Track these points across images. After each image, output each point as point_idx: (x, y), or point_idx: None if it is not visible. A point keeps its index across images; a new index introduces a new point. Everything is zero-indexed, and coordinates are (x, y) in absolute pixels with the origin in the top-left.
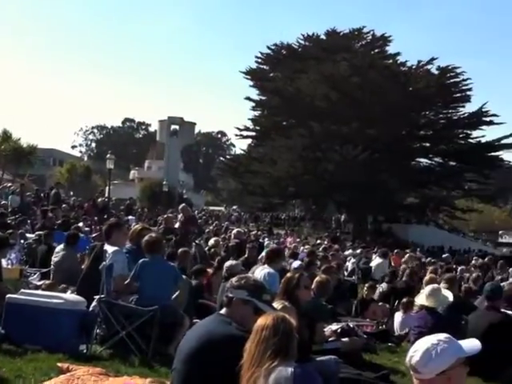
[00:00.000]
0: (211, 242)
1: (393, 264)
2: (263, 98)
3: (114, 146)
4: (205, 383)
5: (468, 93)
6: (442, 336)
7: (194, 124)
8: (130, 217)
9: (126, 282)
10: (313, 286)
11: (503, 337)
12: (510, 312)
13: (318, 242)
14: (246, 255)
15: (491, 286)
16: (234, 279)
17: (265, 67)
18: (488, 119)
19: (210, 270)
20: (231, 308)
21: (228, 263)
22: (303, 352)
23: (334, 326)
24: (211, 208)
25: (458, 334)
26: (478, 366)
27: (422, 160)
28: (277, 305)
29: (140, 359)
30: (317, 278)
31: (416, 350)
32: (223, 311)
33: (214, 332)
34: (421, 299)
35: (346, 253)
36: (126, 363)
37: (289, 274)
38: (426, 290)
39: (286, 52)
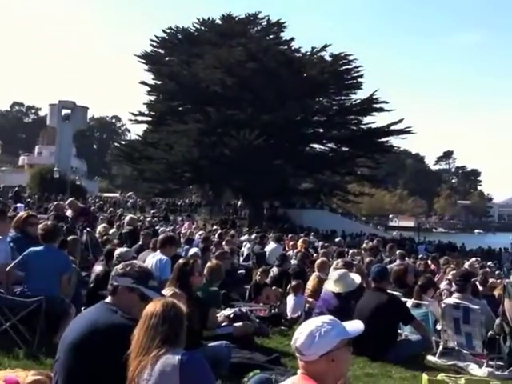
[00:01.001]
0: (99, 229)
1: (287, 248)
2: (158, 82)
3: (2, 131)
4: (89, 374)
5: (359, 80)
6: (327, 318)
7: (87, 108)
8: (18, 204)
9: (7, 269)
10: (204, 272)
11: (390, 317)
12: (396, 293)
13: (214, 227)
14: (140, 242)
15: (378, 267)
16: (118, 267)
17: (160, 51)
18: (378, 106)
19: None
20: (116, 296)
21: (118, 250)
22: (194, 338)
23: (227, 311)
24: (106, 194)
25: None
26: (365, 346)
27: (315, 146)
28: (167, 291)
29: (25, 351)
30: (208, 264)
31: (301, 333)
32: (108, 299)
33: (98, 321)
34: (329, 285)
35: (242, 238)
36: (10, 355)
37: (181, 260)
38: (334, 275)
39: (181, 36)
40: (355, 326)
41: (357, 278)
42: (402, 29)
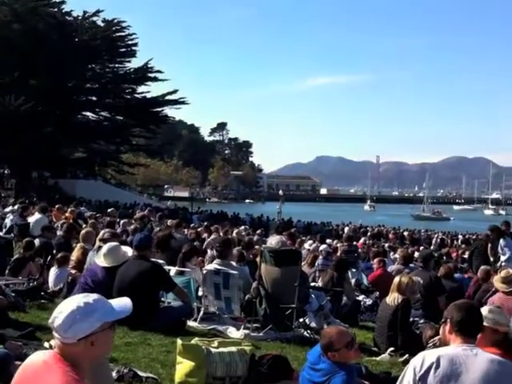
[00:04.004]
0: None
1: (54, 220)
2: None
3: None
4: None
5: (133, 48)
6: (91, 298)
7: None
8: None
9: None
10: None
11: (151, 285)
12: (160, 260)
13: None
14: None
15: (140, 235)
16: None
17: None
18: (153, 75)
19: None
20: None
21: None
22: None
23: None
24: None
25: None
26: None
27: (89, 114)
28: None
29: None
30: None
31: (60, 312)
32: None
33: None
34: (98, 258)
35: (7, 210)
36: None
37: None
38: (104, 249)
39: None
40: (123, 305)
41: (129, 251)
42: (178, 2)
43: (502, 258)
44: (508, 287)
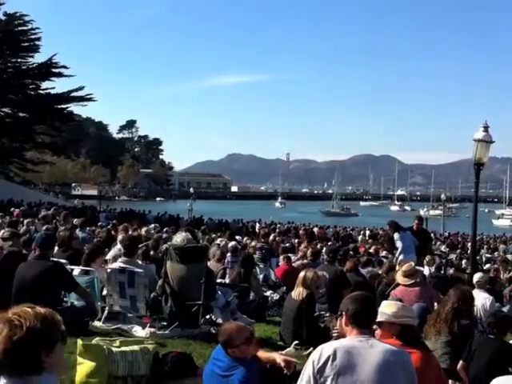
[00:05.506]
0: None
1: None
2: None
3: None
4: None
5: (37, 42)
6: None
7: None
8: None
9: None
10: None
11: (52, 285)
12: (62, 260)
13: None
14: None
15: (42, 235)
16: None
17: None
18: (57, 71)
19: None
20: None
21: None
22: None
23: None
24: None
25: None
26: None
27: None
28: None
29: None
30: None
31: None
32: None
33: None
34: None
35: None
36: None
37: None
38: None
39: None
40: None
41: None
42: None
43: (397, 252)
44: (409, 280)
